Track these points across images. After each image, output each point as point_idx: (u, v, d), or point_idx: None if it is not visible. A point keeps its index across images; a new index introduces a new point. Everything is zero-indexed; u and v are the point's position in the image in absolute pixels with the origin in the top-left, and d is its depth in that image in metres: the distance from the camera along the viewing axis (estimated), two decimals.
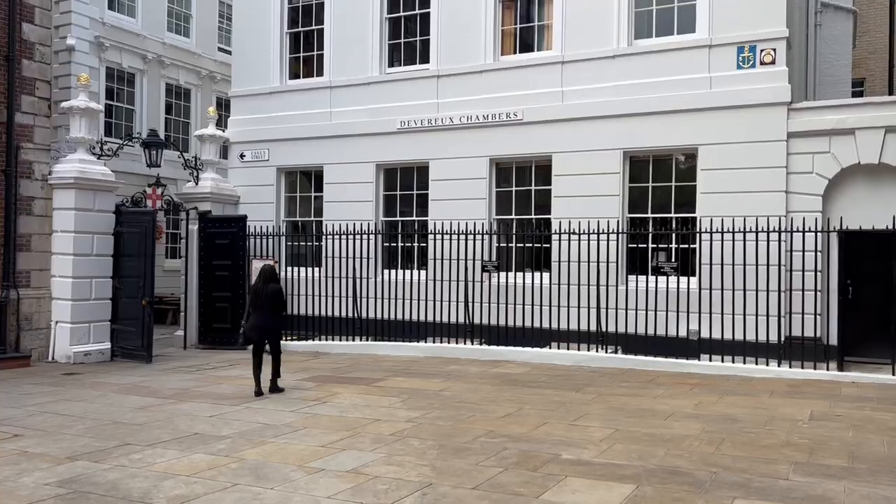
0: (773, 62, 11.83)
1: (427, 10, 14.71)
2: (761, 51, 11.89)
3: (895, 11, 19.45)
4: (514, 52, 14.15)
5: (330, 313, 14.39)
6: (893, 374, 10.37)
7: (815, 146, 11.50)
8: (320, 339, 14.32)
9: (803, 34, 14.71)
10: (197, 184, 15.54)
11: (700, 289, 11.89)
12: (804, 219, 11.21)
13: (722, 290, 11.64)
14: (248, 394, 9.65)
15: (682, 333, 11.86)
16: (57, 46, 16.85)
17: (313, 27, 15.99)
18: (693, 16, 12.49)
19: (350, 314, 14.36)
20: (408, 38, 15.16)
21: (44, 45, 13.16)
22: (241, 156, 16.38)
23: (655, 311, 12.01)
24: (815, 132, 11.50)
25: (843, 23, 16.15)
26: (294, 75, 16.36)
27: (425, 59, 14.84)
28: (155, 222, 13.69)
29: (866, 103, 11.92)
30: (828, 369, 10.84)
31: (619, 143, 12.82)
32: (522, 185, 13.99)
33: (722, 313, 11.60)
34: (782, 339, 11.33)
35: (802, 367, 10.90)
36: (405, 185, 15.03)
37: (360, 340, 14.12)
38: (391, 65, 15.30)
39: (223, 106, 21.17)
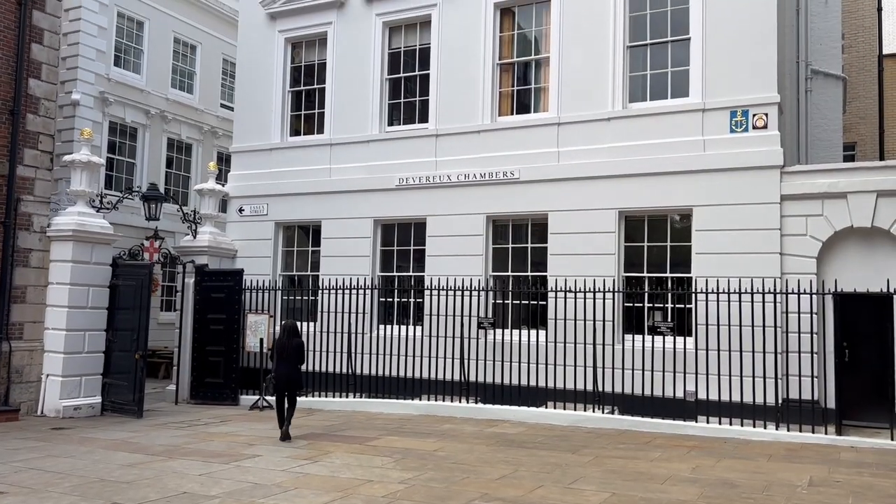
0: (765, 126, 12.05)
1: (427, 72, 15.04)
2: (753, 115, 12.13)
3: (883, 78, 19.94)
4: (512, 113, 14.41)
5: (324, 369, 14.29)
6: (892, 440, 10.27)
7: (808, 209, 11.63)
8: (314, 396, 14.18)
9: (794, 99, 15.03)
10: (195, 237, 15.60)
11: (696, 349, 11.86)
12: (799, 280, 11.28)
13: (718, 350, 11.61)
14: (239, 451, 9.52)
15: (679, 394, 11.79)
16: (62, 101, 17.16)
17: (315, 86, 16.31)
18: (686, 81, 12.77)
19: (345, 370, 14.26)
20: (407, 98, 15.46)
21: (49, 100, 13.38)
22: (240, 210, 16.50)
23: (652, 371, 11.96)
24: (807, 195, 11.64)
25: (833, 89, 16.52)
26: (295, 132, 16.60)
27: (424, 118, 15.10)
28: (151, 275, 13.69)
29: (857, 168, 12.10)
30: (826, 433, 10.74)
31: (615, 202, 12.95)
32: (519, 242, 14.07)
33: (719, 374, 11.55)
34: (780, 401, 11.25)
35: (800, 431, 10.80)
36: (402, 241, 15.11)
37: (355, 397, 13.99)
38: (391, 123, 15.55)
39: (224, 161, 21.42)
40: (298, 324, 11.81)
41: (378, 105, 15.42)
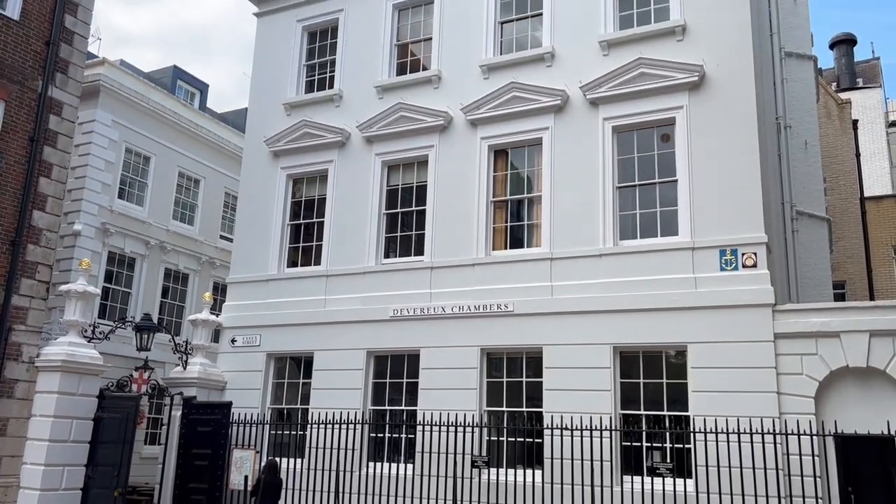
0: (754, 265, 12.26)
1: (423, 207, 15.45)
2: (743, 254, 12.37)
3: (867, 219, 20.56)
4: (505, 248, 14.65)
5: None
6: None
7: (802, 348, 11.61)
8: None
9: (782, 239, 15.40)
10: (185, 368, 15.40)
11: (697, 492, 11.46)
12: (798, 421, 11.08)
13: (720, 493, 11.21)
14: None
15: None
16: (63, 231, 17.46)
17: (314, 220, 16.69)
18: (675, 220, 13.12)
19: None
20: (404, 232, 15.78)
21: (51, 231, 13.62)
22: (233, 341, 16.39)
23: None
24: (801, 334, 11.66)
25: (819, 229, 16.99)
26: (292, 263, 16.81)
27: (420, 251, 15.34)
28: (138, 408, 13.44)
29: (849, 307, 12.20)
30: None
31: (609, 338, 12.93)
32: (514, 376, 13.90)
33: None
34: None
35: None
36: (395, 374, 14.92)
37: None
38: (387, 256, 15.78)
39: (219, 290, 21.52)
40: (283, 460, 11.53)
41: (375, 238, 15.71)
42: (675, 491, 11.48)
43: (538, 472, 12.66)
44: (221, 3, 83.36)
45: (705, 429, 11.44)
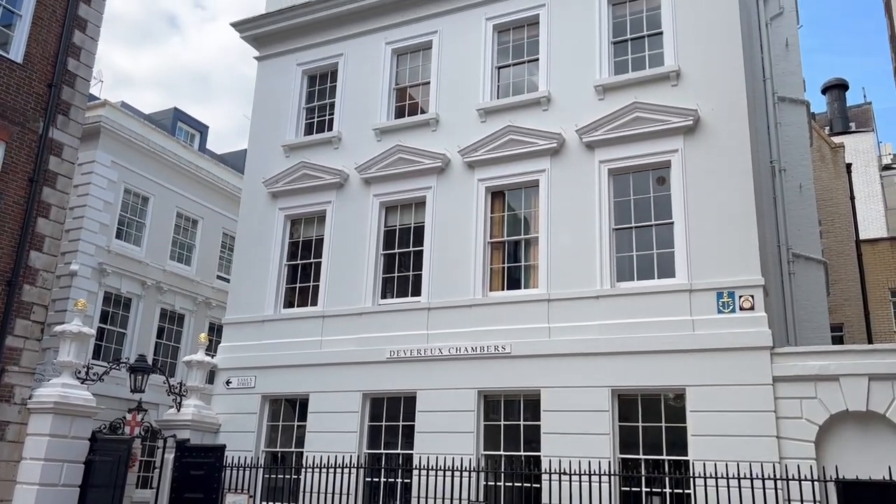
0: (752, 308, 12.24)
1: (420, 248, 15.47)
2: (740, 297, 12.36)
3: (863, 262, 20.63)
4: (503, 289, 14.64)
5: None
6: None
7: (801, 391, 11.53)
8: None
9: (779, 282, 15.41)
10: (178, 410, 15.22)
11: None
12: (798, 466, 10.92)
13: None
14: None
15: None
16: (60, 271, 17.41)
17: (311, 260, 16.69)
18: (672, 262, 13.13)
19: None
20: (401, 272, 15.77)
21: (48, 271, 13.59)
22: (228, 382, 16.24)
23: None
24: (800, 377, 11.59)
25: (815, 272, 17.02)
26: (288, 304, 16.75)
27: (417, 291, 15.31)
28: (130, 451, 13.25)
29: (847, 350, 12.15)
30: None
31: (607, 380, 12.83)
32: (511, 419, 13.76)
33: None
34: None
35: None
36: (391, 416, 14.75)
37: None
38: (384, 296, 15.75)
39: (215, 331, 21.41)
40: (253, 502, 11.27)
41: (372, 279, 15.70)
42: None
43: None
44: (222, 45, 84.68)
45: (705, 474, 11.28)
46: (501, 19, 15.95)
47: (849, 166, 24.54)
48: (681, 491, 11.93)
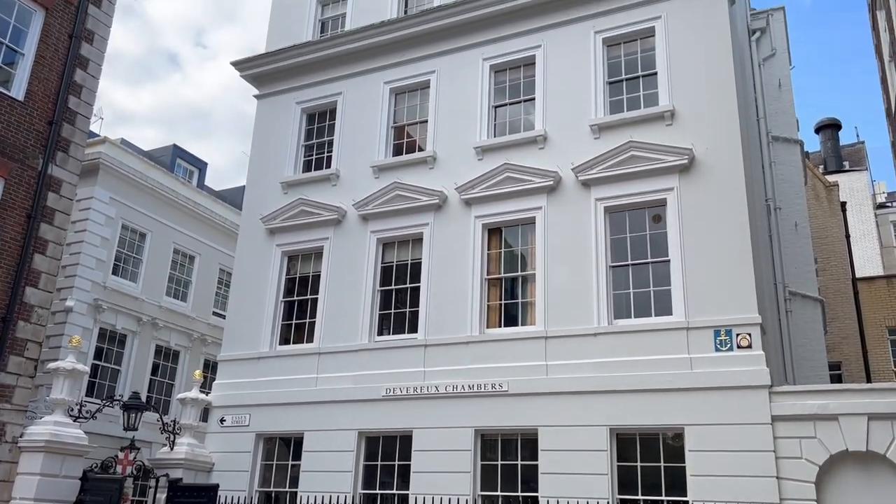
0: (749, 346, 12.20)
1: (417, 285, 15.45)
2: (737, 335, 12.33)
3: (860, 300, 20.64)
4: (500, 325, 14.58)
5: None
6: None
7: (800, 431, 11.43)
8: None
9: (776, 320, 15.39)
10: (172, 448, 15.02)
11: None
12: None
13: None
14: None
15: None
16: (55, 307, 17.35)
17: (308, 296, 16.65)
18: (669, 299, 13.12)
19: None
20: (398, 309, 15.72)
21: (43, 307, 13.53)
22: (222, 420, 16.06)
23: None
24: (799, 416, 11.50)
25: (812, 310, 17.01)
26: (284, 341, 16.65)
27: (413, 328, 15.24)
28: (122, 491, 13.03)
29: (846, 390, 12.05)
30: None
31: (605, 419, 12.72)
32: (508, 458, 13.59)
33: None
34: None
35: None
36: (387, 455, 14.56)
37: None
38: (380, 333, 15.67)
39: (210, 368, 21.26)
40: None
41: (369, 315, 15.64)
42: None
43: None
44: (222, 83, 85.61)
45: None
46: (498, 59, 16.19)
47: (843, 205, 24.71)
48: None
